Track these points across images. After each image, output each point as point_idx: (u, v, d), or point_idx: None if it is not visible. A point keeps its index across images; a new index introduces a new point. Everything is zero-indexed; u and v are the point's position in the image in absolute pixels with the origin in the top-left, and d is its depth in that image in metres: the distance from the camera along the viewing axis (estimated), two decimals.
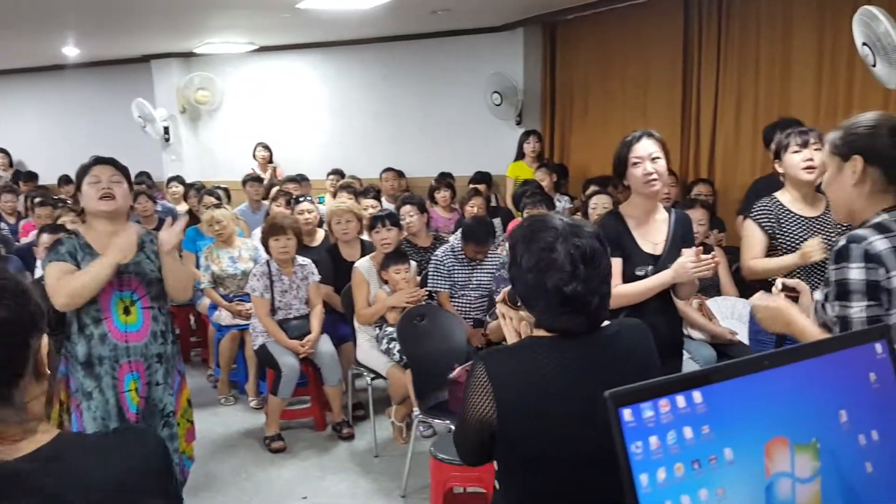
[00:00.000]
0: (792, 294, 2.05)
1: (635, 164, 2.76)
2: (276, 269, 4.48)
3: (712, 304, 4.21)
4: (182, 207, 7.10)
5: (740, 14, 5.67)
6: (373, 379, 4.37)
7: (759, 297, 2.04)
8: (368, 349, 4.40)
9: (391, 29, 7.70)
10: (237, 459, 4.24)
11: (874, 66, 3.91)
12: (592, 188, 5.54)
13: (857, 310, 1.74)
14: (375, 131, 8.45)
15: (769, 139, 4.15)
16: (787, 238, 2.99)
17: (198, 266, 5.28)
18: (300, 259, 4.59)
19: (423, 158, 8.07)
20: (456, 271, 4.60)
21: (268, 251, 4.54)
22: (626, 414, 0.88)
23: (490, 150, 7.68)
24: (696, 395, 0.92)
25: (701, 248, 2.75)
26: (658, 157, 2.76)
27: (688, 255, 2.69)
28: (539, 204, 4.81)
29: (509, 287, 1.98)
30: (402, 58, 8.21)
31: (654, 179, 2.75)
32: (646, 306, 2.79)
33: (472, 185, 6.52)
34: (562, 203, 6.11)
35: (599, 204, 4.71)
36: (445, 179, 6.97)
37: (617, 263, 2.77)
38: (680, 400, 0.91)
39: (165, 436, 2.92)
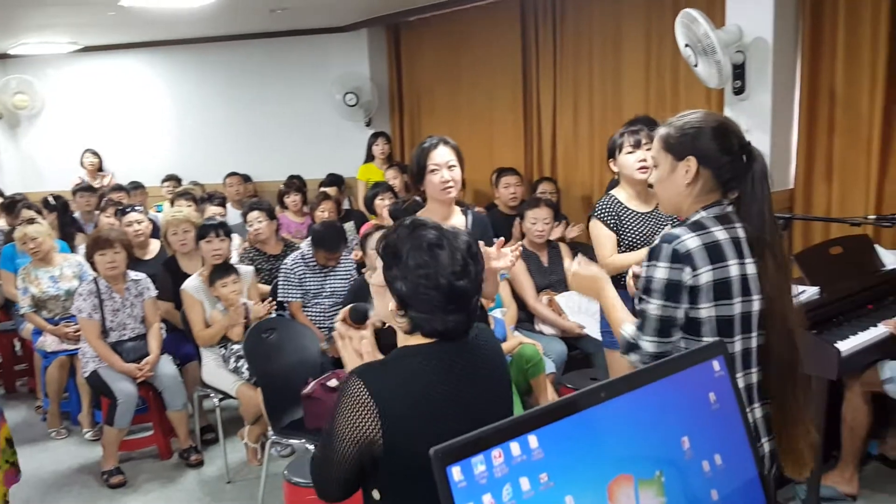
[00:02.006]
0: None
1: (433, 171, 2.79)
2: (104, 286, 4.12)
3: (561, 299, 4.29)
4: None
5: (573, 16, 5.80)
6: (221, 399, 4.12)
7: (577, 263, 2.10)
8: (215, 368, 4.13)
9: (231, 28, 7.36)
10: (70, 498, 3.87)
11: (696, 66, 4.10)
12: None
13: (654, 307, 1.81)
14: (218, 134, 8.04)
15: None
16: (628, 234, 3.06)
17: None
18: (133, 274, 4.24)
19: (270, 161, 7.78)
20: (308, 279, 4.44)
21: (94, 267, 4.17)
22: (455, 473, 0.76)
23: (341, 151, 7.50)
24: (532, 440, 0.82)
25: (503, 239, 2.76)
26: (454, 165, 2.81)
27: (488, 251, 2.67)
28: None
29: (350, 306, 1.89)
30: (244, 58, 7.87)
31: (451, 186, 2.80)
32: None
33: (321, 189, 6.33)
34: None
35: None
36: (295, 183, 6.74)
37: None
38: (514, 447, 0.81)
39: None
